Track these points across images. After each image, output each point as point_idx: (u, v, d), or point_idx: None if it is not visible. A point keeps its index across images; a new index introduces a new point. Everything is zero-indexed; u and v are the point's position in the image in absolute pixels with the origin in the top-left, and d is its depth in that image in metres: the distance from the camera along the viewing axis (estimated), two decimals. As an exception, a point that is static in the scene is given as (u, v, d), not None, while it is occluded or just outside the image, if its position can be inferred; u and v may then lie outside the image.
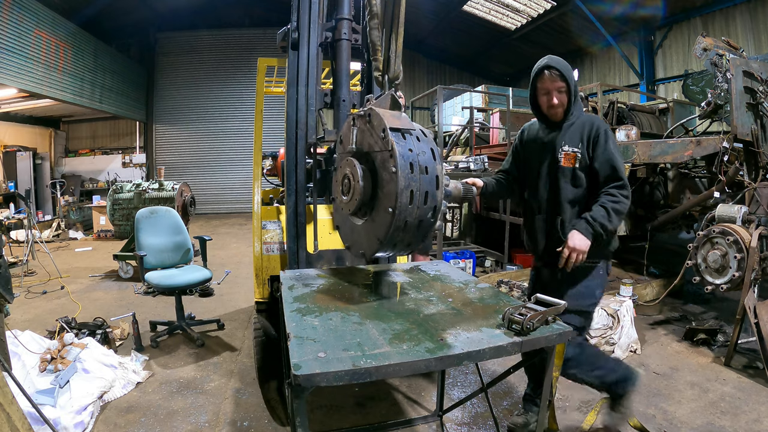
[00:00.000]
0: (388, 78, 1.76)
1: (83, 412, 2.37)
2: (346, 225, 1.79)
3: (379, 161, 1.54)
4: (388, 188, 1.49)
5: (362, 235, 1.67)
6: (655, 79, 10.15)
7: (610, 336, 3.30)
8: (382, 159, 1.51)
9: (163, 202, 5.89)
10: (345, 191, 1.64)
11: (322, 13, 2.53)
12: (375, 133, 1.55)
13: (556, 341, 1.40)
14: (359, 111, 1.66)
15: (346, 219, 1.75)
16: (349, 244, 1.82)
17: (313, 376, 1.11)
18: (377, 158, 1.56)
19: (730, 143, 3.47)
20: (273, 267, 2.87)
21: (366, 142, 1.61)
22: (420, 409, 2.56)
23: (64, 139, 12.99)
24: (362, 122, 1.61)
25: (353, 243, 1.77)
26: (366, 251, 1.66)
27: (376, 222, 1.58)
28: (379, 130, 1.52)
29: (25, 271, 5.68)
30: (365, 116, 1.60)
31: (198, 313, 4.15)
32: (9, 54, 7.18)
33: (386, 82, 1.76)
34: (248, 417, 2.49)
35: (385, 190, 1.51)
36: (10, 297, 2.13)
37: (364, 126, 1.60)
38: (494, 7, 10.99)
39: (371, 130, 1.57)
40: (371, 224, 1.61)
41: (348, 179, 1.62)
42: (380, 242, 1.54)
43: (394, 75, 1.97)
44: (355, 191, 1.59)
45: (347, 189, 1.63)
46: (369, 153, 1.60)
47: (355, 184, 1.59)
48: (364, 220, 1.65)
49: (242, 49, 13.33)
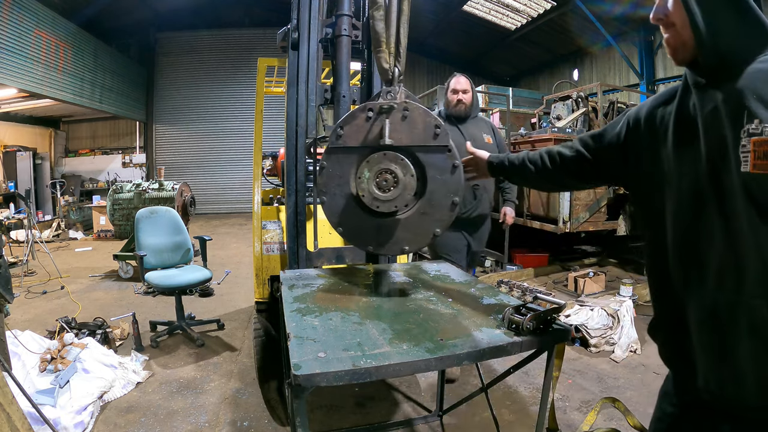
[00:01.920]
0: (398, 70, 1.71)
1: (83, 412, 2.37)
2: (368, 224, 1.67)
3: (424, 155, 1.60)
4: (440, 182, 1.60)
5: (404, 230, 1.66)
6: (655, 79, 10.15)
7: (610, 336, 3.30)
8: (429, 153, 1.60)
9: (163, 202, 5.89)
10: (383, 188, 1.60)
11: (322, 9, 2.53)
12: (417, 128, 1.59)
13: (556, 341, 1.39)
14: (382, 104, 1.58)
15: (365, 218, 1.66)
16: (374, 246, 1.70)
17: (313, 376, 1.11)
18: (420, 152, 1.60)
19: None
20: (273, 267, 2.87)
21: (399, 137, 1.59)
22: (420, 409, 2.56)
23: (64, 139, 12.99)
24: (394, 117, 1.59)
25: (380, 242, 1.69)
26: (411, 246, 1.68)
27: (429, 215, 1.63)
28: (428, 125, 1.59)
29: (25, 271, 5.68)
30: (399, 110, 1.58)
31: (198, 313, 4.15)
32: (9, 54, 7.18)
33: (396, 76, 1.70)
34: (248, 417, 2.49)
35: (436, 184, 1.60)
36: (10, 297, 2.14)
37: (397, 120, 1.59)
38: (494, 7, 10.99)
39: (412, 125, 1.59)
40: (419, 218, 1.64)
41: (391, 174, 1.59)
42: (435, 235, 1.65)
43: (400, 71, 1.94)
44: (406, 187, 1.59)
45: (388, 185, 1.59)
46: (408, 147, 1.60)
47: (406, 179, 1.59)
48: (406, 215, 1.64)
49: (242, 49, 13.32)
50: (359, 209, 1.65)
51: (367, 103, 1.61)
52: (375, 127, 1.60)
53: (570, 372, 2.99)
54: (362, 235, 1.69)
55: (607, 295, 4.09)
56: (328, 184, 1.64)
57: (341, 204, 1.66)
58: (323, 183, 1.64)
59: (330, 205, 1.66)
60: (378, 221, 1.66)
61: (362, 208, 1.65)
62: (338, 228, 1.68)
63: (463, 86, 3.02)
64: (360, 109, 1.61)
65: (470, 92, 3.01)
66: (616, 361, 3.13)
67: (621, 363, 3.11)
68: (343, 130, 1.61)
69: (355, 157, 1.62)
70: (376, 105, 1.59)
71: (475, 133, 2.98)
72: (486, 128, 3.12)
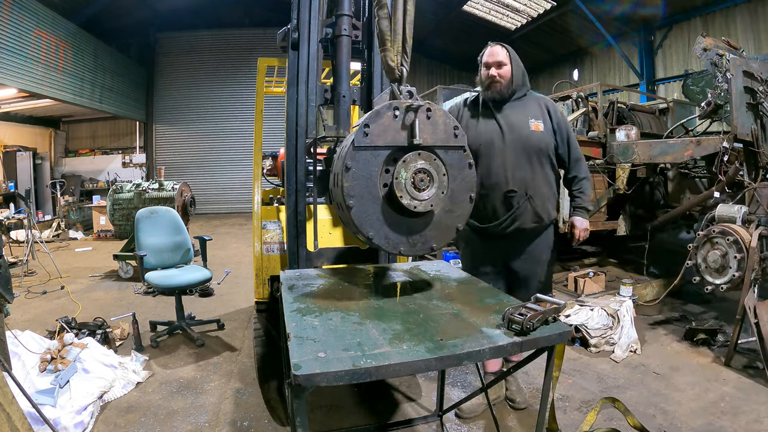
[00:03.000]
0: (405, 70, 1.70)
1: (83, 412, 2.37)
2: (401, 226, 1.62)
3: (445, 154, 1.63)
4: (460, 179, 1.65)
5: (432, 228, 1.66)
6: (655, 79, 10.15)
7: (610, 336, 3.30)
8: (450, 153, 1.63)
9: (163, 202, 5.89)
10: (420, 188, 1.56)
11: (322, 9, 2.53)
12: (439, 128, 1.61)
13: (556, 341, 1.40)
14: (411, 103, 1.56)
15: (397, 220, 1.61)
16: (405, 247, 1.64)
17: (313, 376, 1.11)
18: (441, 152, 1.61)
19: (730, 143, 3.47)
20: (273, 267, 2.87)
21: (424, 137, 1.59)
22: (420, 409, 2.56)
23: (64, 139, 12.99)
24: (420, 116, 1.58)
25: (412, 243, 1.65)
26: (438, 243, 1.69)
27: (452, 211, 1.67)
28: (448, 126, 1.61)
29: (25, 271, 5.68)
30: (424, 110, 1.58)
31: (198, 313, 4.15)
32: (9, 54, 7.18)
33: (404, 74, 1.69)
34: (248, 417, 2.49)
35: (457, 183, 1.65)
36: (10, 297, 2.13)
37: (423, 120, 1.59)
38: (494, 7, 10.99)
39: (435, 125, 1.60)
40: (445, 215, 1.66)
41: (426, 173, 1.57)
42: (457, 230, 1.69)
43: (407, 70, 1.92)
44: (440, 185, 1.60)
45: (424, 184, 1.57)
46: (431, 147, 1.60)
47: (440, 178, 1.60)
48: (438, 213, 1.66)
49: (242, 49, 13.33)
50: (391, 211, 1.58)
51: (392, 102, 1.57)
52: (402, 126, 1.56)
53: (570, 372, 2.99)
54: (394, 237, 1.62)
55: (607, 295, 4.08)
56: (355, 187, 1.53)
57: (371, 208, 1.56)
58: (350, 187, 1.52)
59: (358, 210, 1.54)
60: (410, 222, 1.61)
61: (395, 210, 1.58)
62: (368, 233, 1.57)
63: (498, 58, 2.33)
64: (386, 108, 1.56)
65: (508, 65, 2.34)
66: (616, 361, 3.13)
67: (621, 363, 3.11)
68: (370, 128, 1.53)
69: (383, 157, 1.56)
70: (402, 103, 1.56)
71: (517, 120, 2.36)
72: (535, 110, 2.39)
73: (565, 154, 2.46)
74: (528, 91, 2.45)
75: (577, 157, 2.48)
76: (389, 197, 1.56)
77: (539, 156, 2.35)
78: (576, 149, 2.47)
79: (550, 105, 2.45)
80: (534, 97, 2.46)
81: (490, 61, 2.35)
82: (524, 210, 2.33)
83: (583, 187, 2.48)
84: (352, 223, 1.57)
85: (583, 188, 2.47)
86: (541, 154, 2.36)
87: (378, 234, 1.59)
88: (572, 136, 2.46)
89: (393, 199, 1.55)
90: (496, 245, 2.43)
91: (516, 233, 2.37)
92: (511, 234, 2.37)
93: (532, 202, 2.33)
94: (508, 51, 2.36)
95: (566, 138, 2.43)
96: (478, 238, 2.47)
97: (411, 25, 1.69)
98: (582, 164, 2.49)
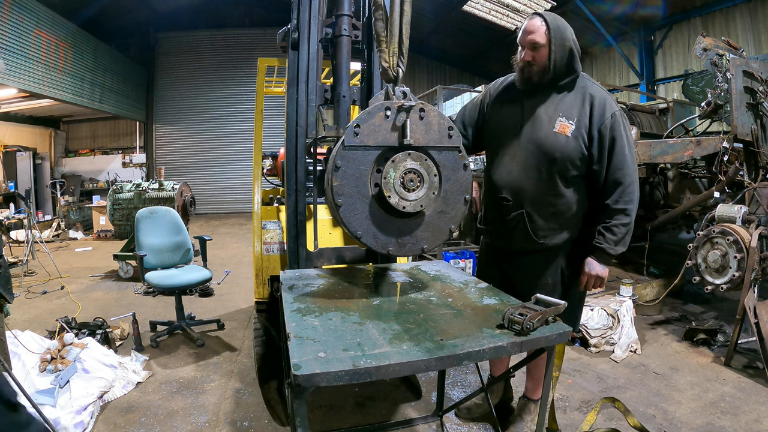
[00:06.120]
0: (401, 71, 1.69)
1: (83, 412, 2.37)
2: (390, 226, 1.61)
3: (438, 155, 1.62)
4: (453, 180, 1.64)
5: (423, 229, 1.66)
6: (655, 79, 10.15)
7: (610, 336, 3.30)
8: (444, 153, 1.63)
9: (163, 202, 5.89)
10: (409, 188, 1.57)
11: (322, 9, 2.53)
12: (433, 129, 1.60)
13: (556, 341, 1.39)
14: (402, 103, 1.55)
15: (386, 220, 1.60)
16: (394, 247, 1.63)
17: (313, 376, 1.11)
18: (434, 153, 1.62)
19: (730, 143, 3.47)
20: (273, 267, 2.87)
21: (416, 137, 1.59)
22: (420, 409, 2.56)
23: (64, 139, 12.99)
24: (411, 116, 1.58)
25: (401, 243, 1.65)
26: (429, 244, 1.69)
27: (445, 213, 1.66)
28: (442, 126, 1.61)
29: (25, 271, 5.68)
30: (416, 110, 1.57)
31: (198, 313, 4.15)
32: (9, 54, 7.18)
33: (399, 75, 1.69)
34: (248, 417, 2.49)
35: (450, 183, 1.64)
36: (10, 297, 2.13)
37: (415, 120, 1.59)
38: (494, 7, 10.98)
39: (428, 125, 1.60)
40: (437, 216, 1.66)
41: (416, 174, 1.57)
42: (450, 232, 1.69)
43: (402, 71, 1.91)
44: (431, 186, 1.60)
45: (414, 185, 1.57)
46: (423, 147, 1.60)
47: (431, 178, 1.59)
48: (429, 214, 1.65)
49: (242, 49, 13.33)
50: (381, 211, 1.59)
51: (384, 102, 1.57)
52: (393, 126, 1.56)
53: (570, 372, 2.99)
54: (382, 237, 1.62)
55: (607, 295, 4.08)
56: (344, 186, 1.54)
57: (360, 207, 1.57)
58: (339, 185, 1.53)
59: (347, 209, 1.55)
60: (400, 222, 1.62)
61: (384, 210, 1.59)
62: (356, 232, 1.57)
63: (533, 37, 1.83)
64: (377, 108, 1.56)
65: (545, 47, 1.82)
66: (616, 361, 3.13)
67: (621, 363, 3.11)
68: (361, 128, 1.54)
69: (373, 157, 1.56)
70: (394, 104, 1.56)
71: (543, 115, 1.90)
72: (572, 106, 1.87)
73: (601, 172, 1.88)
74: (577, 78, 1.90)
75: (619, 181, 1.85)
76: (379, 197, 1.57)
77: (553, 166, 1.88)
78: (620, 170, 1.85)
79: (599, 103, 1.85)
80: (581, 88, 1.90)
81: (523, 41, 1.88)
82: (515, 226, 1.96)
83: (614, 222, 1.88)
84: (342, 222, 1.59)
85: (613, 224, 1.88)
86: (558, 165, 1.88)
87: (366, 233, 1.59)
88: (620, 151, 1.84)
89: (383, 198, 1.55)
90: (500, 252, 2.14)
91: (520, 253, 2.03)
92: (516, 252, 2.04)
93: (527, 220, 1.94)
94: (548, 27, 1.82)
95: (607, 150, 1.85)
96: (485, 240, 2.36)
97: (408, 25, 1.68)
98: (625, 192, 1.86)
